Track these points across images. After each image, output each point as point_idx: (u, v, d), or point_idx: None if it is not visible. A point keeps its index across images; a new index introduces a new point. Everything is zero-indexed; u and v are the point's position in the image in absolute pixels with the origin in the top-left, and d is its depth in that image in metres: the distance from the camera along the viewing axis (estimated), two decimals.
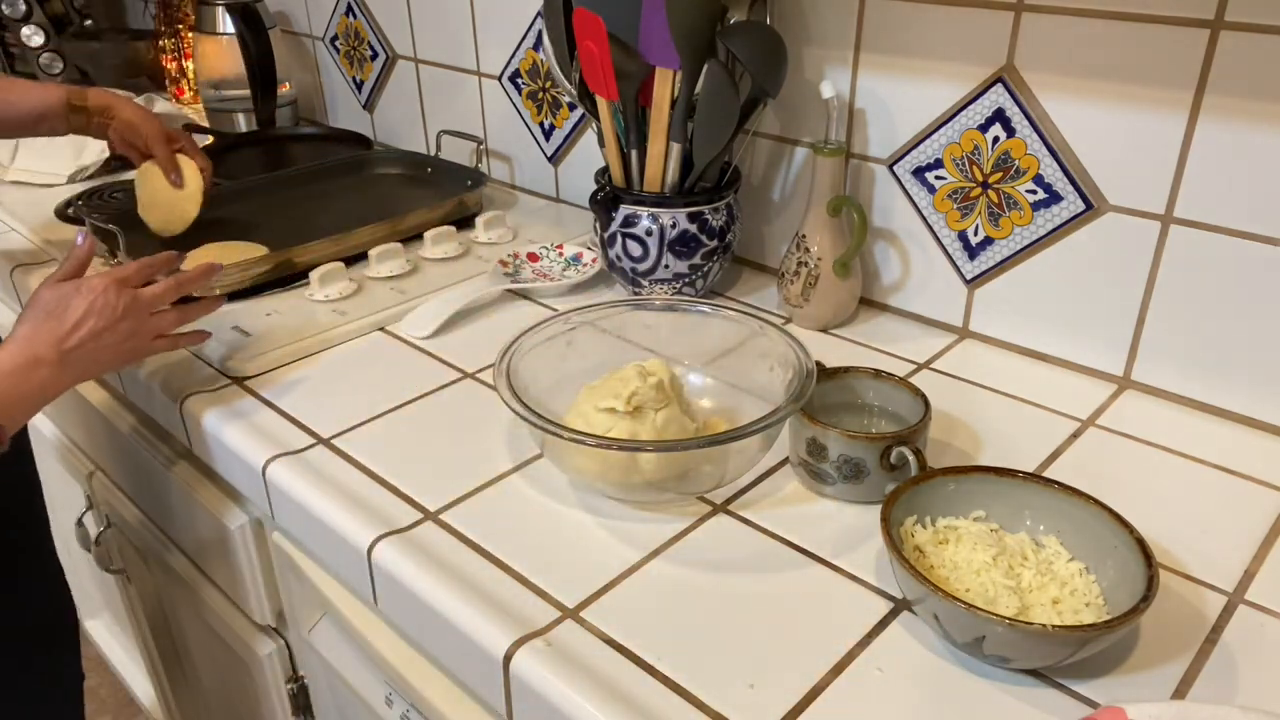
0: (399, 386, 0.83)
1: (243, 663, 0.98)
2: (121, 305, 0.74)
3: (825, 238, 0.89)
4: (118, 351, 0.75)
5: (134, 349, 0.76)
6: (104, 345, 0.73)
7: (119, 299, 0.74)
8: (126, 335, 0.75)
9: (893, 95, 0.88)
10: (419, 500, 0.69)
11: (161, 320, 0.78)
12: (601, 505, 0.68)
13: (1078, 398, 0.81)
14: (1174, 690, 0.53)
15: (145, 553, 1.10)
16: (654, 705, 0.52)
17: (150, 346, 0.78)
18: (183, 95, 1.75)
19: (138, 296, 0.75)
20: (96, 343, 0.73)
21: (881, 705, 0.53)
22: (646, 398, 0.67)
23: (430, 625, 0.62)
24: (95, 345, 0.73)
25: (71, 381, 0.73)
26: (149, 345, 0.78)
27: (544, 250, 1.06)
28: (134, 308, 0.75)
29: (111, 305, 0.73)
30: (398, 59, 1.40)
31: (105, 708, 1.68)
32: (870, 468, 0.66)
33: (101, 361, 0.74)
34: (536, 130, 1.25)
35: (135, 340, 0.76)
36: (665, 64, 0.86)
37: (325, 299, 0.96)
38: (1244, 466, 0.72)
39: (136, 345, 0.76)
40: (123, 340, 0.74)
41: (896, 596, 0.60)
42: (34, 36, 1.72)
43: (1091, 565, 0.58)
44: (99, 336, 0.73)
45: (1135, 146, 0.76)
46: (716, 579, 0.61)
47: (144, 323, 0.76)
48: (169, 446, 0.95)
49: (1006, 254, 0.86)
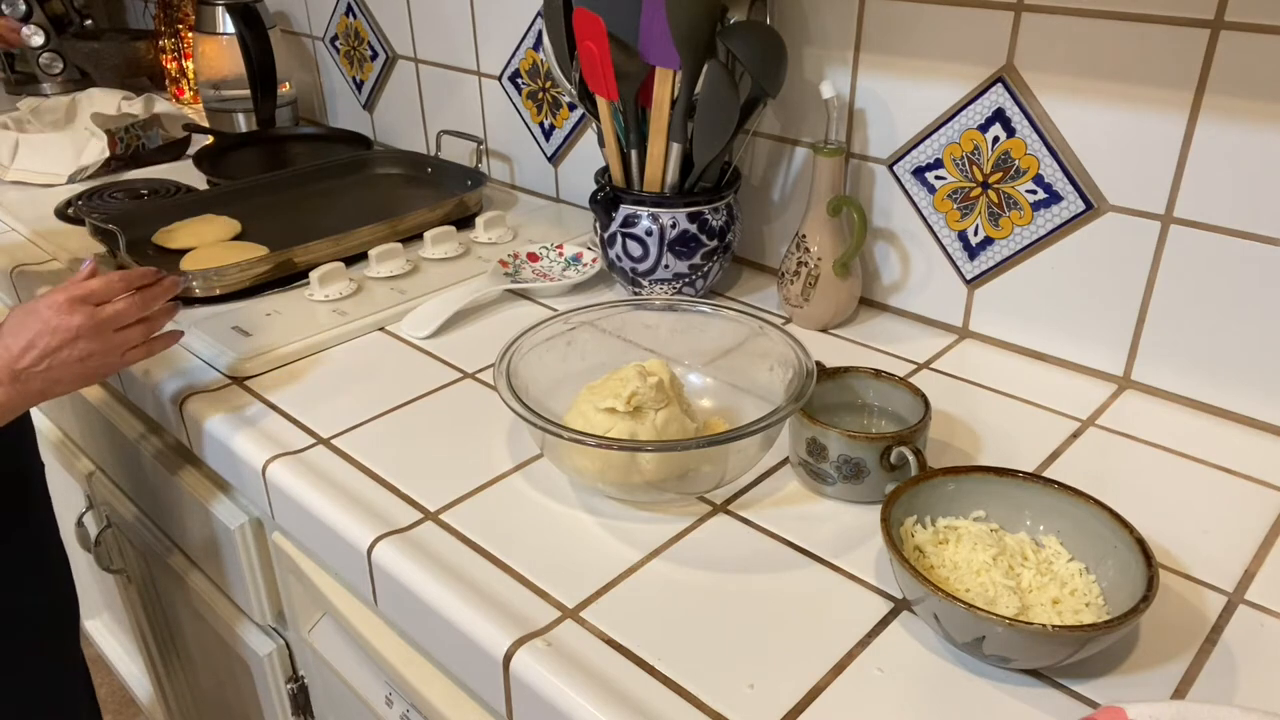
0: (399, 386, 0.83)
1: (243, 663, 0.98)
2: (77, 323, 0.72)
3: (825, 238, 0.89)
4: (82, 369, 0.74)
5: (104, 365, 0.75)
6: (62, 363, 0.73)
7: (73, 317, 0.72)
8: (87, 353, 0.73)
9: (893, 95, 0.88)
10: (419, 500, 0.69)
11: (129, 335, 0.76)
12: (601, 505, 0.68)
13: (1078, 398, 0.81)
14: (1174, 690, 0.53)
15: (145, 553, 1.10)
16: (654, 705, 0.52)
17: (123, 360, 0.77)
18: (183, 95, 1.75)
19: (94, 315, 0.74)
20: (52, 361, 0.72)
21: (881, 705, 0.53)
22: (646, 398, 0.67)
23: (430, 625, 0.62)
24: (51, 364, 0.72)
25: (27, 401, 0.73)
26: (120, 360, 0.77)
27: (544, 250, 1.06)
28: (91, 326, 0.73)
29: (66, 324, 0.72)
30: (398, 59, 1.40)
31: (105, 708, 1.68)
32: (870, 468, 0.66)
33: (63, 380, 0.73)
34: (536, 130, 1.25)
35: (104, 357, 0.75)
36: (665, 64, 0.86)
37: (325, 299, 0.96)
38: (1244, 466, 0.72)
39: (106, 361, 0.75)
40: (83, 358, 0.73)
41: (896, 596, 0.60)
42: (34, 36, 1.72)
43: (1091, 565, 0.58)
44: (53, 355, 0.72)
45: (1135, 146, 0.76)
46: (716, 579, 0.61)
47: (108, 340, 0.75)
48: (169, 446, 0.95)
49: (1006, 254, 0.86)
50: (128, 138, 1.41)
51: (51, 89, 1.76)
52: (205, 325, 0.91)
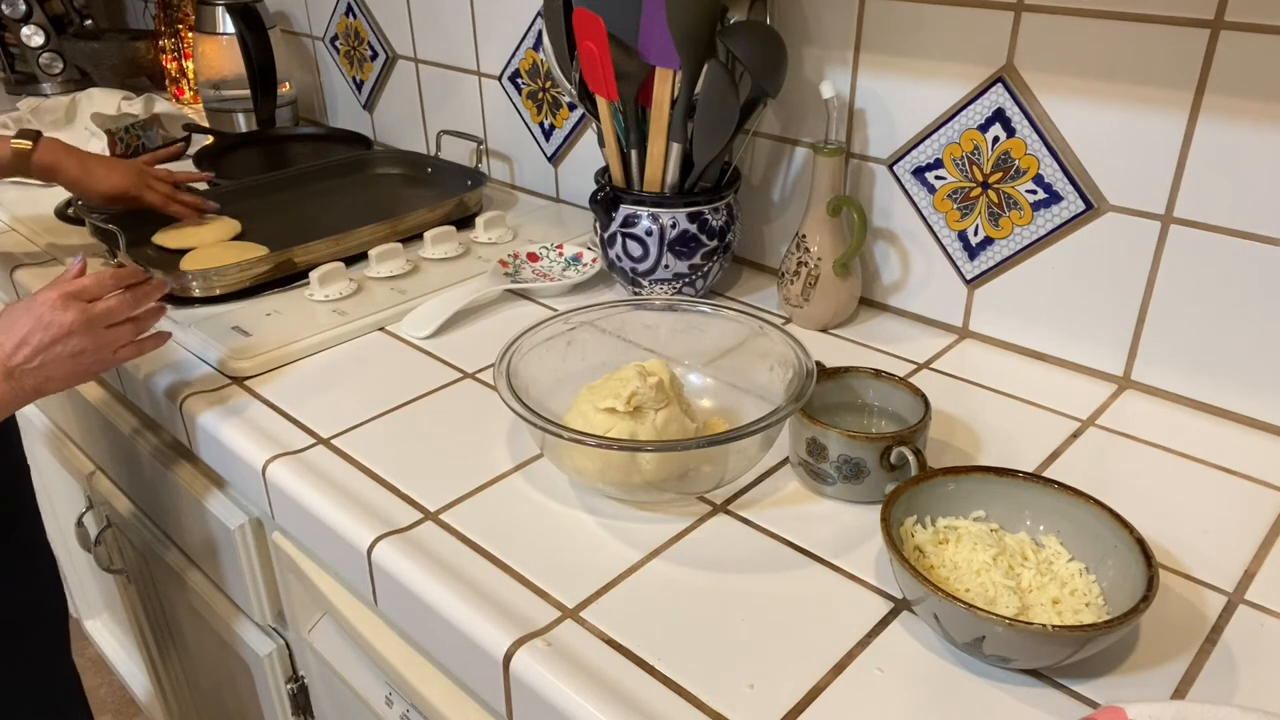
0: (399, 386, 0.83)
1: (242, 663, 0.98)
2: (70, 320, 0.72)
3: (825, 238, 0.89)
4: (74, 365, 0.74)
5: (96, 361, 0.75)
6: (55, 359, 0.73)
7: (66, 313, 0.72)
8: (79, 350, 0.73)
9: (893, 95, 0.88)
10: (419, 500, 0.69)
11: (119, 333, 0.77)
12: (601, 505, 0.68)
13: (1078, 398, 0.81)
14: (1174, 690, 0.53)
15: (145, 552, 1.10)
16: (654, 705, 0.52)
17: (114, 358, 0.77)
18: (183, 95, 1.75)
19: (87, 311, 0.74)
20: (45, 356, 0.72)
21: (881, 705, 0.53)
22: (646, 398, 0.67)
23: (430, 625, 0.62)
24: (45, 359, 0.72)
25: (23, 398, 0.73)
26: (112, 357, 0.77)
27: (544, 250, 1.06)
28: (84, 322, 0.73)
29: (59, 320, 0.72)
30: (398, 59, 1.40)
31: (105, 708, 1.68)
32: (870, 468, 0.66)
33: (56, 377, 0.74)
34: (536, 130, 1.25)
35: (96, 354, 0.75)
36: (665, 64, 0.86)
37: (325, 299, 0.96)
38: (1244, 466, 0.72)
39: (98, 358, 0.75)
40: (75, 354, 0.73)
41: (896, 596, 0.60)
42: (34, 36, 1.72)
43: (1091, 565, 0.58)
44: (46, 350, 0.72)
45: (1135, 146, 0.76)
46: (717, 579, 0.61)
47: (99, 336, 0.75)
48: (169, 446, 0.95)
49: (1006, 254, 0.86)
50: (128, 138, 1.41)
51: (51, 89, 1.76)
52: (205, 325, 0.91)
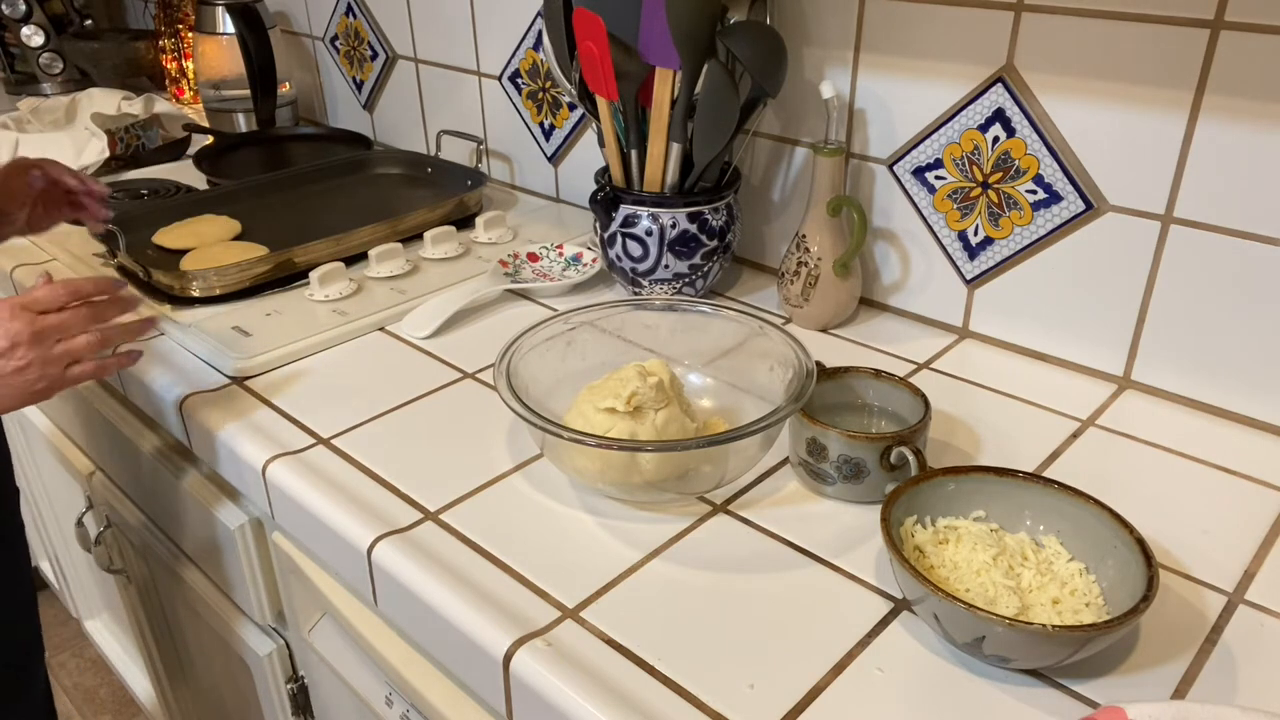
0: (399, 386, 0.83)
1: (243, 663, 0.98)
2: (16, 329, 0.68)
3: (825, 238, 0.89)
4: (20, 381, 0.69)
5: (41, 377, 0.70)
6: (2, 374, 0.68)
7: (13, 324, 0.68)
8: (25, 363, 0.69)
9: (893, 95, 0.88)
10: (419, 500, 0.69)
11: (73, 347, 0.71)
12: (601, 505, 0.68)
13: (1078, 398, 0.81)
14: (1174, 690, 0.53)
15: (145, 553, 1.10)
16: (654, 705, 0.52)
17: (66, 376, 0.71)
18: (183, 95, 1.75)
19: (35, 323, 0.69)
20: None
21: (881, 705, 0.53)
22: (646, 398, 0.67)
23: (430, 625, 0.62)
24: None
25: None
26: (62, 374, 0.71)
27: (544, 250, 1.06)
28: (31, 334, 0.69)
29: (4, 331, 0.68)
30: (398, 59, 1.40)
31: (105, 708, 1.68)
32: (870, 468, 0.66)
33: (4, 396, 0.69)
34: (536, 130, 1.25)
35: (42, 368, 0.70)
36: (665, 64, 0.86)
37: (325, 299, 0.96)
38: (1244, 466, 0.72)
39: (45, 373, 0.70)
40: (21, 369, 0.68)
41: (896, 596, 0.60)
42: (34, 36, 1.72)
43: (1091, 565, 0.58)
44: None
45: (1135, 146, 0.76)
46: (716, 579, 0.61)
47: (48, 350, 0.70)
48: (169, 446, 0.95)
49: (1006, 254, 0.86)
50: (128, 138, 1.42)
51: (51, 89, 1.76)
52: (205, 325, 0.91)
